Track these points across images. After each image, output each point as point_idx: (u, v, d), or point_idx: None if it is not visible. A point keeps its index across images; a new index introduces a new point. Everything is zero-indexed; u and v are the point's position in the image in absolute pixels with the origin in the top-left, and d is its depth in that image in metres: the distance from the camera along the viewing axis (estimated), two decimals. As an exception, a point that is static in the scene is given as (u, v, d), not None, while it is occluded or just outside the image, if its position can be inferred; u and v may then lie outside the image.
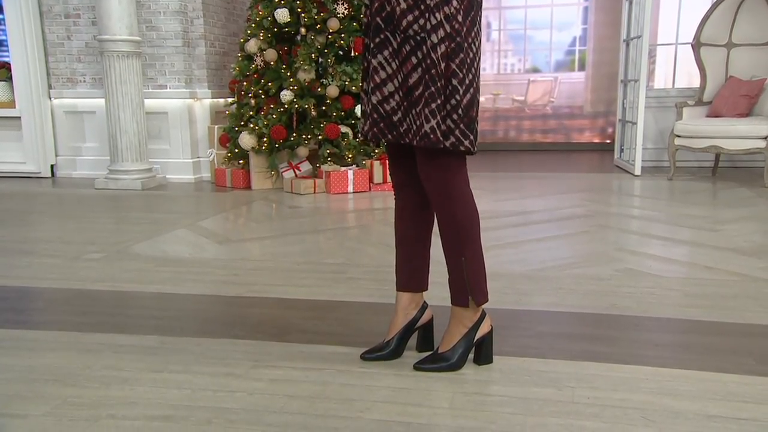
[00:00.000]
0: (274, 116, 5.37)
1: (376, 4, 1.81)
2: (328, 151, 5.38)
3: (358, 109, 5.41)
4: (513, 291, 2.71)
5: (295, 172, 5.50)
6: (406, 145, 1.86)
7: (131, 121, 5.66)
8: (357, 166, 5.43)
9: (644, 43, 6.00)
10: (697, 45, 6.02)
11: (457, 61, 1.72)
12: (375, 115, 1.87)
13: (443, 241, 1.92)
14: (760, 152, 5.32)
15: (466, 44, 1.74)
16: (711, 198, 4.95)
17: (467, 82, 1.75)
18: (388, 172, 5.42)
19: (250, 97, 5.56)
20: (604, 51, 9.43)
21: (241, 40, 5.71)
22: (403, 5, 1.75)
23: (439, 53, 1.71)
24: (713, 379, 1.89)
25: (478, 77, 1.81)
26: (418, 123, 1.76)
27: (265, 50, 5.50)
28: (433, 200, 1.87)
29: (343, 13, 5.39)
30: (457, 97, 1.74)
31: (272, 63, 5.49)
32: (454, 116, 1.74)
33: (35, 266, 3.24)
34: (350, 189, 5.34)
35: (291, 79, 5.39)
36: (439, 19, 1.70)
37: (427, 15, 1.72)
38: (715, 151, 5.56)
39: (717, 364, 1.99)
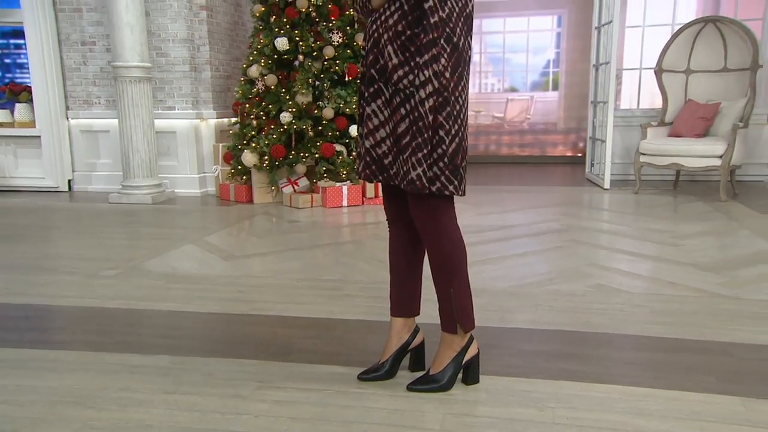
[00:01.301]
0: (275, 136, 5.35)
1: (371, 57, 1.81)
2: (324, 168, 5.36)
3: (352, 130, 5.39)
4: (496, 308, 2.69)
5: (293, 187, 5.47)
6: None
7: (142, 141, 5.62)
8: (351, 182, 5.41)
9: (612, 69, 6.03)
10: (659, 71, 6.05)
11: (444, 113, 1.72)
12: (368, 158, 1.87)
13: (433, 273, 1.91)
14: (716, 169, 5.35)
15: (453, 98, 1.73)
16: (673, 212, 4.94)
17: (453, 132, 1.74)
18: (380, 191, 5.42)
19: (252, 118, 5.55)
20: (575, 73, 9.46)
21: (244, 66, 5.69)
22: (395, 60, 1.74)
23: (427, 107, 1.70)
24: (679, 398, 1.89)
25: (466, 127, 1.80)
26: (405, 169, 1.76)
27: (266, 75, 5.49)
28: (423, 237, 1.87)
29: (338, 42, 5.38)
30: (444, 146, 1.73)
31: (272, 87, 5.47)
32: (440, 164, 1.74)
33: (55, 284, 3.19)
34: (345, 203, 5.32)
35: (290, 102, 5.38)
36: (428, 75, 1.69)
37: (416, 71, 1.71)
38: (676, 168, 5.59)
39: (682, 383, 1.98)
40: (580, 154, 8.79)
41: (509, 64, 10.44)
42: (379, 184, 1.94)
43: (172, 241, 4.08)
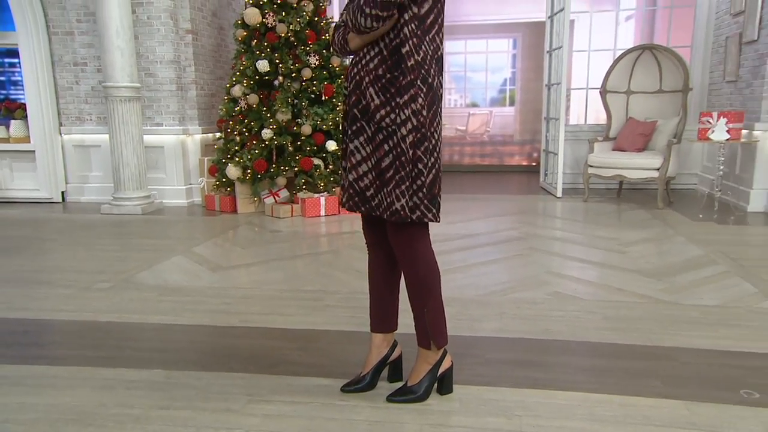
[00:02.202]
0: (257, 151, 5.28)
1: (354, 98, 1.79)
2: (303, 181, 5.30)
3: (329, 145, 5.36)
4: (465, 317, 2.67)
5: (274, 198, 5.40)
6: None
7: (132, 155, 5.49)
8: (328, 193, 5.37)
9: (562, 89, 6.10)
10: (603, 92, 6.14)
11: (422, 148, 1.72)
12: (351, 191, 1.85)
13: (409, 293, 1.89)
14: (654, 180, 5.46)
15: (429, 133, 1.73)
16: (617, 220, 4.99)
17: (430, 165, 1.74)
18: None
19: (236, 134, 5.47)
20: (529, 90, 9.58)
21: (228, 86, 5.59)
22: (377, 101, 1.73)
23: (408, 143, 1.70)
24: (631, 403, 1.89)
25: (440, 158, 1.80)
26: (388, 200, 1.74)
27: (248, 95, 5.41)
28: (401, 261, 1.85)
29: (315, 64, 5.35)
30: (422, 178, 1.72)
31: (254, 105, 5.40)
32: (420, 194, 1.73)
33: (52, 297, 3.08)
34: (322, 213, 5.28)
35: (270, 120, 5.31)
36: (407, 114, 1.69)
37: (397, 111, 1.71)
38: (620, 179, 5.69)
39: (632, 388, 1.99)
40: (534, 164, 8.89)
41: (470, 82, 10.53)
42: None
43: (162, 253, 3.97)
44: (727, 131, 4.89)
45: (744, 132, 5.20)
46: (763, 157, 5.12)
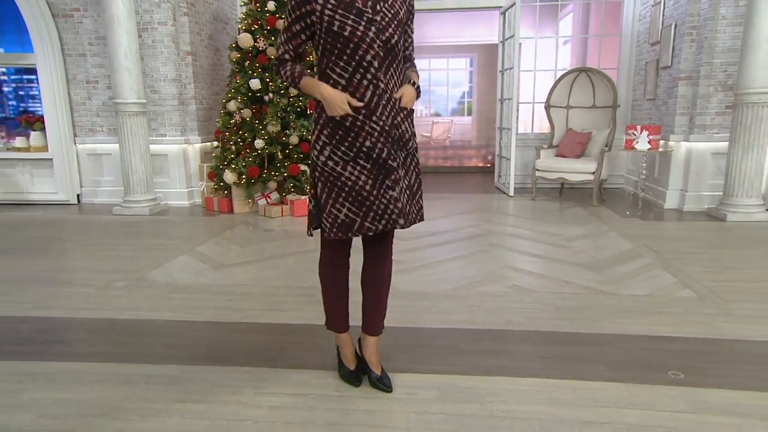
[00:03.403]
0: (250, 159, 5.19)
1: (397, 133, 1.73)
2: (291, 184, 5.24)
3: (314, 153, 5.29)
4: (437, 310, 2.65)
5: (266, 200, 5.31)
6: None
7: (140, 163, 5.32)
8: (315, 195, 5.30)
9: (513, 103, 6.13)
10: (548, 106, 6.20)
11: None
12: (389, 211, 1.70)
13: (381, 290, 1.88)
14: (590, 182, 5.56)
15: None
16: (560, 217, 5.01)
17: None
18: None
19: (231, 144, 5.35)
20: (484, 102, 9.63)
21: (224, 101, 5.46)
22: (409, 132, 1.78)
23: (417, 159, 1.84)
24: (582, 387, 1.90)
25: None
26: (417, 207, 1.82)
27: (242, 109, 5.30)
28: (384, 263, 1.88)
29: (301, 83, 5.25)
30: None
31: (248, 119, 5.29)
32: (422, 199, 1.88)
33: (74, 296, 2.97)
34: (310, 212, 5.21)
35: (262, 131, 5.21)
36: (415, 135, 1.83)
37: (415, 136, 1.81)
38: (561, 181, 5.76)
39: (582, 373, 1.99)
40: (489, 165, 8.94)
41: (434, 95, 10.52)
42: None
43: (169, 252, 3.86)
44: (649, 142, 5.00)
45: (661, 142, 5.33)
46: (677, 163, 5.25)
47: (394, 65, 1.67)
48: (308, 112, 5.34)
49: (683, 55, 5.10)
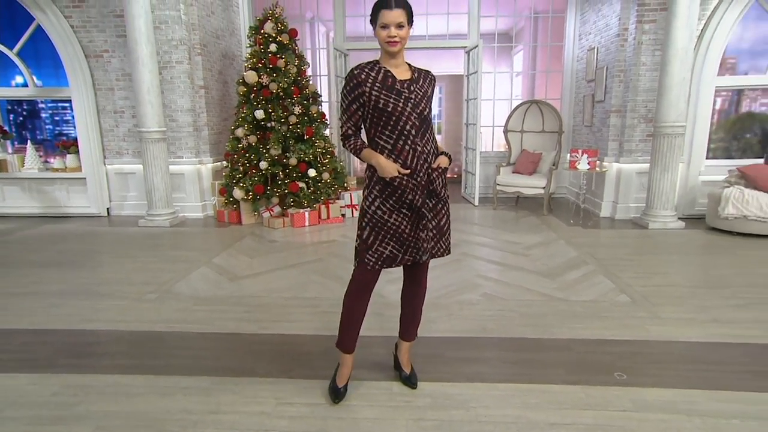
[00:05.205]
0: (256, 178, 5.11)
1: (431, 186, 1.76)
2: (291, 200, 5.17)
3: (310, 172, 5.21)
4: (424, 319, 2.46)
5: (270, 213, 5.23)
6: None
7: (161, 182, 5.17)
8: (310, 208, 5.25)
9: (477, 127, 6.15)
10: (506, 131, 6.24)
11: None
12: (418, 246, 1.75)
13: (418, 305, 1.90)
14: (541, 195, 5.63)
15: None
16: (517, 225, 4.92)
17: None
18: (330, 214, 5.30)
19: (239, 165, 5.24)
20: (452, 123, 9.63)
21: (232, 127, 5.33)
22: (441, 185, 1.78)
23: (448, 205, 1.85)
24: (547, 390, 1.84)
25: None
26: (446, 244, 1.82)
27: (248, 135, 5.19)
28: (422, 284, 1.89)
29: (298, 112, 5.17)
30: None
31: (253, 143, 5.19)
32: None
33: (113, 309, 2.83)
34: (307, 223, 5.14)
35: (266, 154, 5.12)
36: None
37: (446, 187, 1.81)
38: (518, 194, 5.82)
39: (547, 377, 1.93)
40: (455, 176, 8.95)
41: (409, 117, 10.51)
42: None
43: (191, 264, 3.68)
44: (588, 163, 5.09)
45: (597, 163, 5.43)
46: (610, 179, 5.37)
47: (428, 132, 1.75)
48: (305, 137, 5.27)
49: (613, 92, 5.20)
